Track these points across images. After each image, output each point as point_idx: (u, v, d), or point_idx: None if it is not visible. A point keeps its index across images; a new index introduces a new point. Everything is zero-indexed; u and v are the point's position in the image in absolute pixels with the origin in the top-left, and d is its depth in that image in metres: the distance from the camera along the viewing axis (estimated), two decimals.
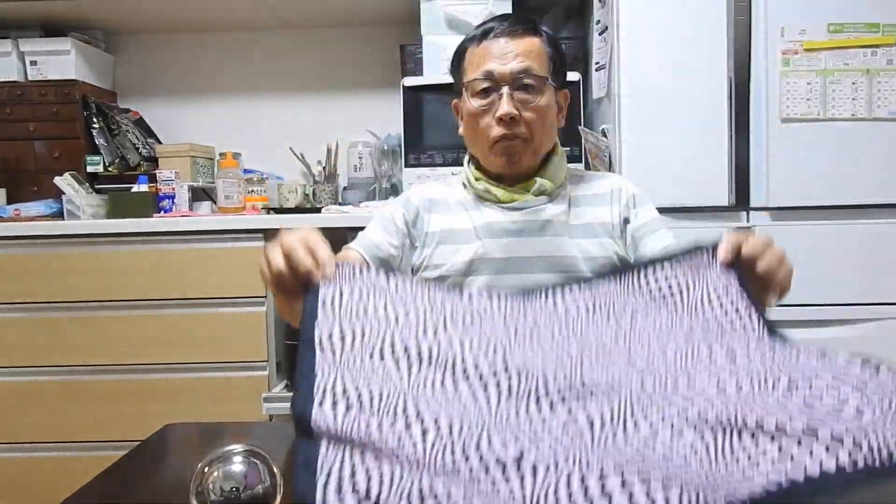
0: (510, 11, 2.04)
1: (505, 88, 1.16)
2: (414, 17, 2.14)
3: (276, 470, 0.68)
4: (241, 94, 2.58)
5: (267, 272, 0.83)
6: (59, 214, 2.14)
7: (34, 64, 2.28)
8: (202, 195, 2.38)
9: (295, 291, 0.80)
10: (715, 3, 1.73)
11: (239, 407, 1.93)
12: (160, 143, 2.50)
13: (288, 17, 2.43)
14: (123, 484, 0.84)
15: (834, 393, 0.56)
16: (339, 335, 0.68)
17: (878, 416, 0.53)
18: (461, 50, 1.24)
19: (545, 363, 0.65)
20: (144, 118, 2.53)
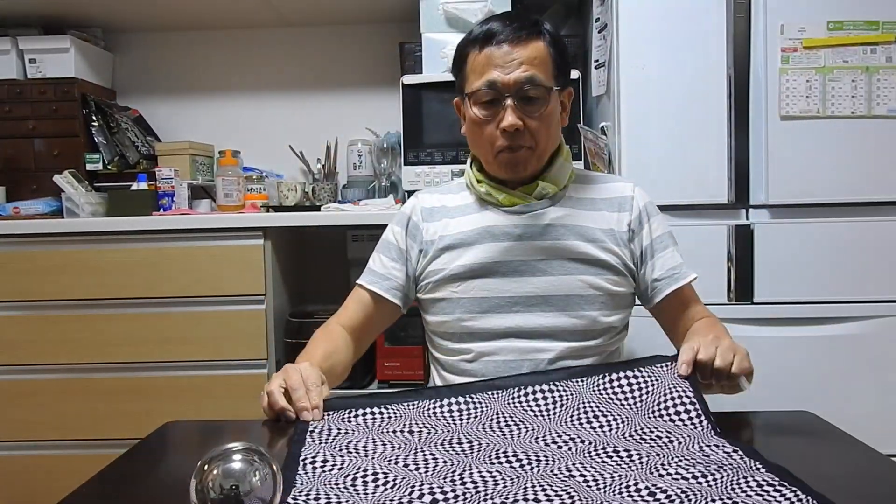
0: (510, 9, 2.03)
1: (509, 100, 1.14)
2: (413, 14, 2.14)
3: (275, 468, 0.68)
4: (240, 92, 2.58)
5: (266, 404, 0.99)
6: (58, 212, 2.14)
7: (33, 62, 2.28)
8: (201, 193, 2.38)
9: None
10: (714, 0, 1.73)
11: (239, 405, 1.93)
12: (159, 141, 2.50)
13: (287, 15, 2.43)
14: (123, 482, 0.84)
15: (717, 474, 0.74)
16: (321, 461, 0.81)
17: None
18: (463, 53, 1.20)
19: (504, 473, 0.77)
20: (144, 116, 2.53)
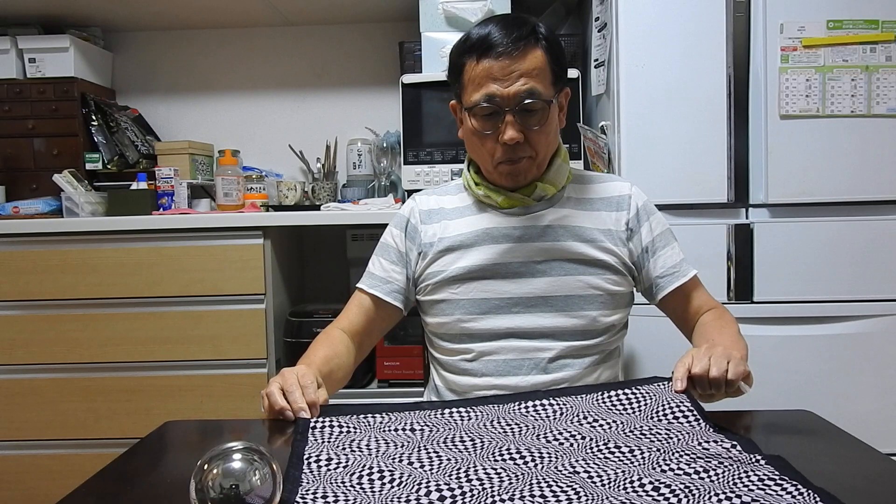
0: (509, 9, 2.03)
1: (508, 114, 1.13)
2: (413, 14, 2.14)
3: (275, 467, 0.68)
4: (240, 91, 2.58)
5: (266, 407, 0.99)
6: (57, 212, 2.14)
7: (33, 61, 2.28)
8: (201, 193, 2.38)
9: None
10: None
11: (238, 405, 1.93)
12: (159, 140, 2.50)
13: (287, 14, 2.43)
14: (123, 481, 0.84)
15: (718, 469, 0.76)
16: (326, 459, 0.81)
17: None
18: (459, 62, 1.17)
19: (504, 469, 0.77)
20: (143, 115, 2.53)
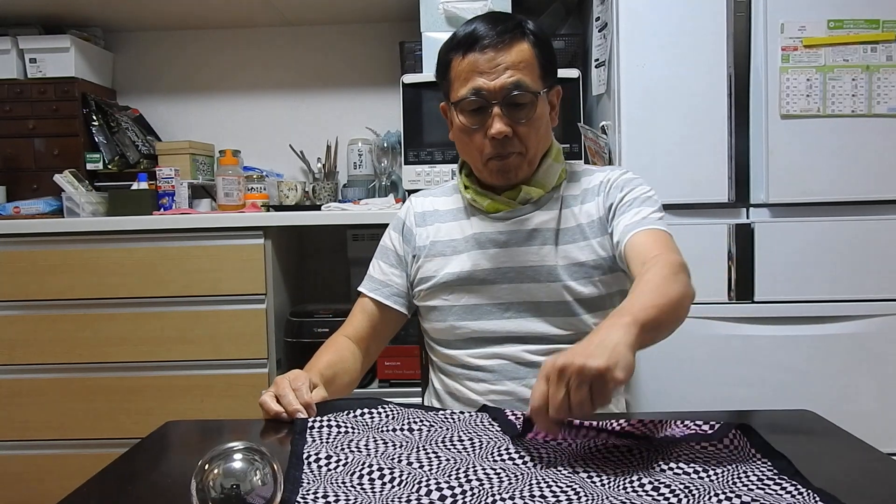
0: (510, 10, 2.03)
1: (496, 107, 1.11)
2: (413, 14, 2.14)
3: (276, 467, 0.68)
4: (240, 91, 2.58)
5: (263, 417, 0.99)
6: (58, 212, 2.14)
7: (33, 61, 2.28)
8: (202, 193, 2.38)
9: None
10: None
11: (239, 404, 1.94)
12: (160, 140, 2.50)
13: (287, 14, 2.43)
14: (123, 481, 0.84)
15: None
16: (325, 458, 0.81)
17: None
18: (446, 59, 1.17)
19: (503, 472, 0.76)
20: (144, 115, 2.53)
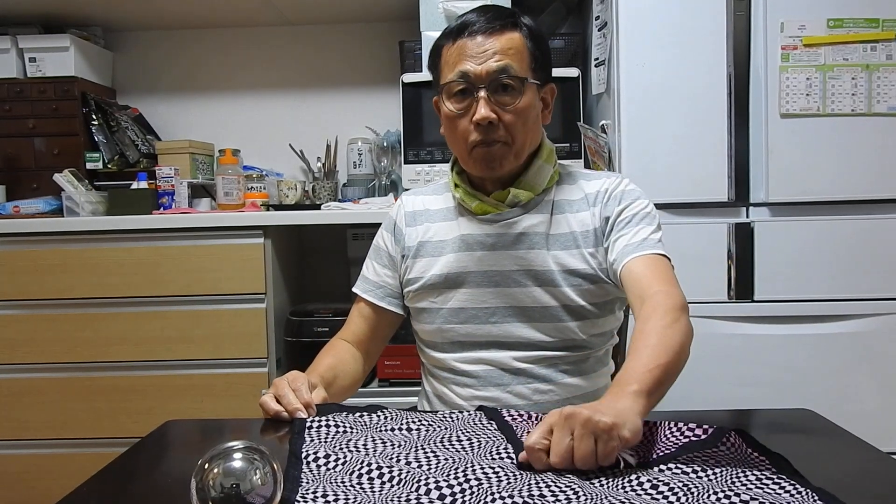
0: (509, 7, 2.03)
1: (482, 91, 1.10)
2: (413, 13, 2.14)
3: (276, 466, 0.68)
4: (240, 90, 2.58)
5: (264, 417, 1.00)
6: (58, 211, 2.14)
7: (33, 61, 2.28)
8: (201, 192, 2.38)
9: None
10: None
11: (239, 403, 1.94)
12: (159, 139, 2.50)
13: (287, 13, 2.43)
14: (123, 481, 0.85)
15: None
16: (324, 457, 0.81)
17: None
18: (437, 46, 1.17)
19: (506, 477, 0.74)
20: (144, 115, 2.53)
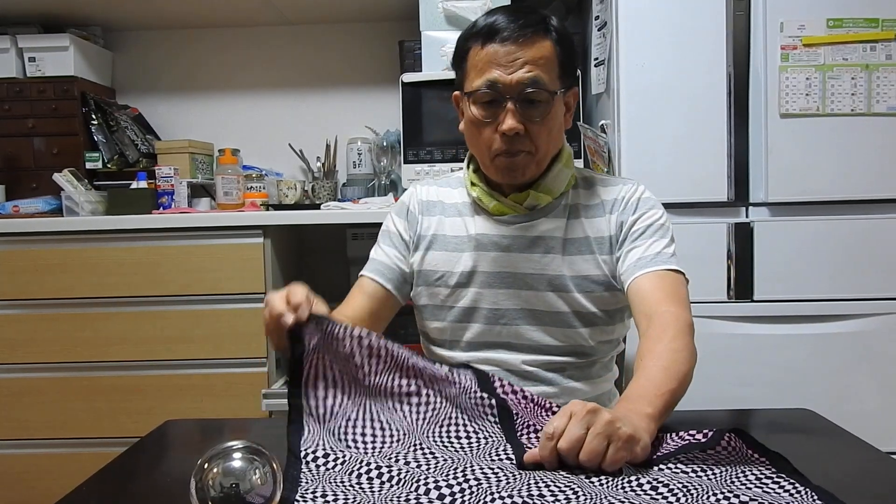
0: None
1: (509, 102, 1.08)
2: (413, 13, 2.14)
3: (275, 466, 0.68)
4: (240, 90, 2.58)
5: (266, 318, 0.93)
6: (57, 211, 2.14)
7: (33, 60, 2.28)
8: (201, 192, 2.38)
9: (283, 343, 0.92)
10: None
11: (239, 403, 1.94)
12: (159, 139, 2.50)
13: (287, 13, 2.43)
14: (123, 480, 0.85)
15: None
16: (322, 455, 0.81)
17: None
18: (465, 47, 1.14)
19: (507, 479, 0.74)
20: (143, 115, 2.53)
